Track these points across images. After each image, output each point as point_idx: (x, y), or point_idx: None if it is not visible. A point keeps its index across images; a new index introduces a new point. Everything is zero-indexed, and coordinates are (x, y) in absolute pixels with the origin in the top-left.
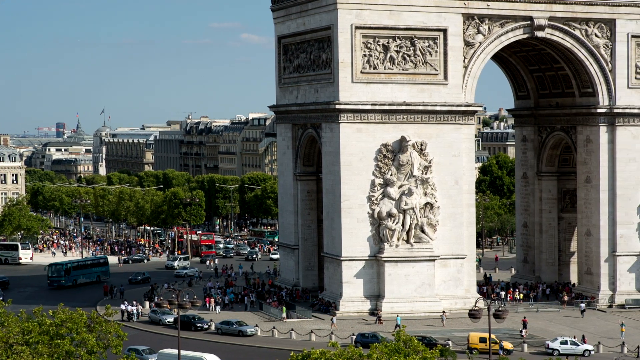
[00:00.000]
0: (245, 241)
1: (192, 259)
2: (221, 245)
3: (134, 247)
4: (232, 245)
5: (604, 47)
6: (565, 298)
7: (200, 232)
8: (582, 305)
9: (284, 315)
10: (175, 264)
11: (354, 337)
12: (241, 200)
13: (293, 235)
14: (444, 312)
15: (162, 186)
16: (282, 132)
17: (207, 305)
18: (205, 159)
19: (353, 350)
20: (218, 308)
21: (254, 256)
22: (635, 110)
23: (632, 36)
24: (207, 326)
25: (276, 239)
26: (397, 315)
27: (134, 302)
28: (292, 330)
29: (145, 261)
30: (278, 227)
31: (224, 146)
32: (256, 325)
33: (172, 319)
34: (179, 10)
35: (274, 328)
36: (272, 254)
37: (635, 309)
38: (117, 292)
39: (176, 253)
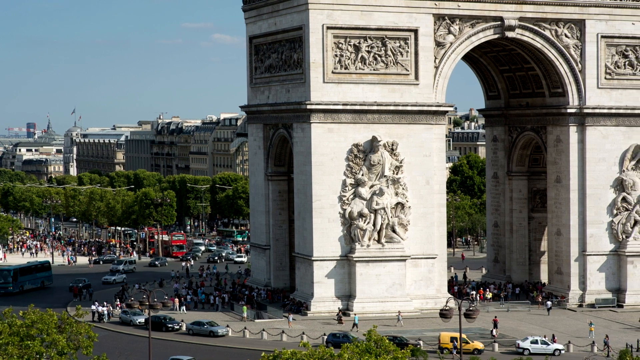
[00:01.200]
0: (213, 241)
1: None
2: (202, 248)
3: (105, 248)
4: (215, 247)
5: (573, 47)
6: (540, 298)
7: (171, 232)
8: (549, 303)
9: (245, 314)
10: (120, 267)
11: (325, 337)
12: (212, 201)
13: (264, 236)
14: (399, 312)
15: (133, 186)
16: (253, 132)
17: (173, 305)
18: (177, 159)
19: (324, 351)
20: (183, 308)
21: (216, 257)
22: (605, 111)
23: (602, 36)
24: (178, 327)
25: (239, 238)
26: (355, 315)
27: (105, 303)
28: (264, 330)
29: (162, 257)
30: (249, 227)
31: (195, 146)
32: (227, 326)
33: (142, 320)
34: (151, 11)
35: (245, 328)
36: (237, 256)
37: (605, 308)
38: (86, 293)
39: (148, 253)
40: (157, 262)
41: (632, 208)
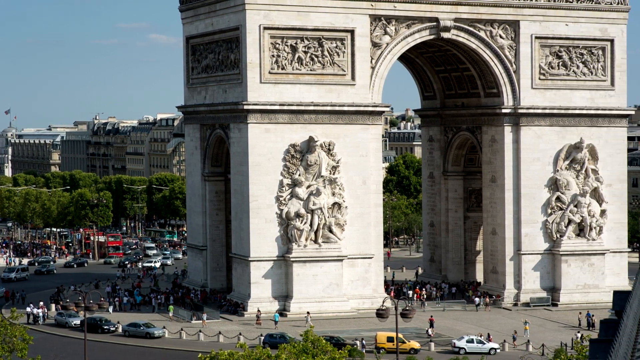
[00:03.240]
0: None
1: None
2: (155, 251)
3: (40, 249)
4: (169, 251)
5: (508, 48)
6: (488, 300)
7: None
8: (477, 299)
9: (171, 314)
10: (12, 275)
11: (262, 337)
12: (149, 201)
13: (201, 236)
14: (308, 312)
15: (68, 187)
16: (190, 132)
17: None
18: (113, 159)
19: (261, 351)
20: (110, 309)
21: (127, 262)
22: (539, 111)
23: (536, 37)
24: (114, 328)
25: (169, 238)
26: (276, 313)
27: (40, 305)
28: (200, 331)
29: (52, 263)
30: (186, 227)
31: (132, 147)
32: (164, 327)
33: (78, 322)
34: (85, 10)
35: (181, 330)
36: (147, 261)
37: (539, 307)
38: (19, 297)
39: (90, 254)
40: (44, 270)
41: (566, 207)
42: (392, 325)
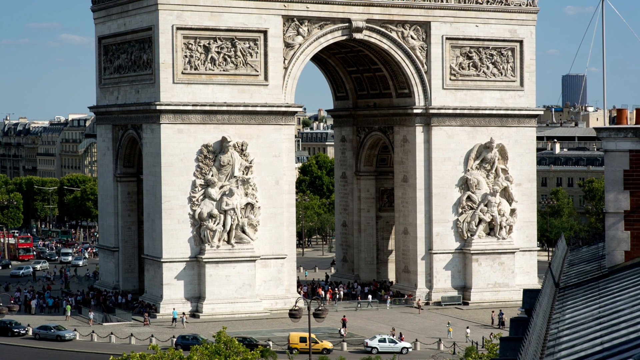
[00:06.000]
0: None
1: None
2: (70, 258)
3: None
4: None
5: (419, 49)
6: (420, 302)
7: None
8: (370, 296)
9: (68, 314)
10: None
11: (175, 339)
12: (60, 203)
13: (113, 237)
14: (184, 313)
15: None
16: (102, 133)
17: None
18: (24, 160)
19: (173, 353)
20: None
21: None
22: (450, 111)
23: (447, 38)
24: (24, 331)
25: (65, 238)
26: (174, 309)
27: None
28: (112, 334)
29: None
30: (98, 229)
31: (43, 147)
32: (75, 330)
33: None
34: None
35: (93, 332)
36: (35, 262)
37: (451, 306)
38: None
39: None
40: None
41: (476, 207)
42: (304, 326)
